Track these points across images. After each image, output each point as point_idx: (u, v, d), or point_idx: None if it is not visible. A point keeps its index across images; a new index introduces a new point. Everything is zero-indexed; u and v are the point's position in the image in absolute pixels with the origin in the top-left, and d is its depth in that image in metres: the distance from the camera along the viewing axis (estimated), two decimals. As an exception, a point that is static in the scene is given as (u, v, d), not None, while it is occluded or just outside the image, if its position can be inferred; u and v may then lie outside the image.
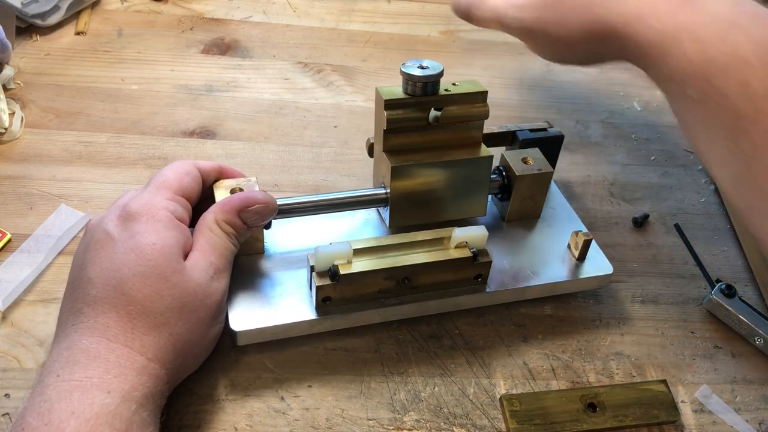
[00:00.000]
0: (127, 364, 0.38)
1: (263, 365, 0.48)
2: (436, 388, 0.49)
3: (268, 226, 0.52)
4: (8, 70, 0.63)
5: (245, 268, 0.52)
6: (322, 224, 0.56)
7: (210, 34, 0.73)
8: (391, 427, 0.47)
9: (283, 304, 0.49)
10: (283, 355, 0.49)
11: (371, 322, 0.50)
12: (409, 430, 0.47)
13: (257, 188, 0.51)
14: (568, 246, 0.55)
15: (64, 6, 0.70)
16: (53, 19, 0.70)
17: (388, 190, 0.52)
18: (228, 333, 0.48)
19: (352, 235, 0.55)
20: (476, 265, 0.50)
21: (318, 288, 0.47)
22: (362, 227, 0.56)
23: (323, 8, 0.79)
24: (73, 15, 0.72)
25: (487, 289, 0.52)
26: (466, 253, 0.49)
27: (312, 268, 0.47)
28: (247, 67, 0.71)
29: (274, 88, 0.69)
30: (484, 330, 0.53)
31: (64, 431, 0.35)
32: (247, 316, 0.48)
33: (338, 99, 0.69)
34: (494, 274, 0.53)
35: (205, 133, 0.63)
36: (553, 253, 0.55)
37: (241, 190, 0.50)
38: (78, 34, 0.71)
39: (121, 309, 0.40)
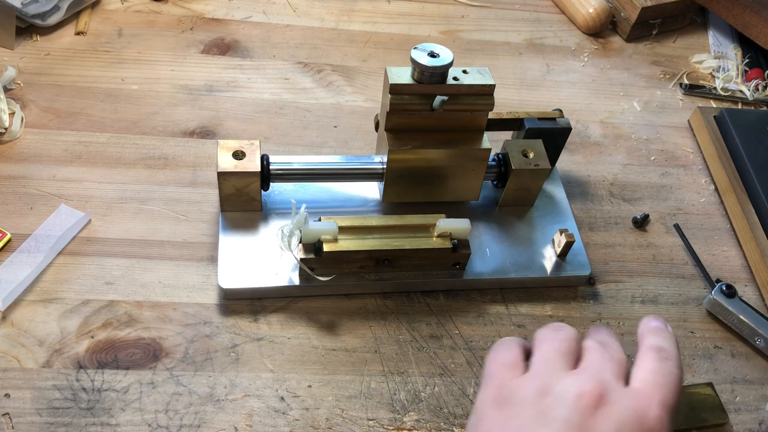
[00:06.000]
0: None
1: (263, 365, 0.49)
2: (436, 388, 0.49)
3: (266, 187, 0.54)
4: (10, 71, 0.63)
5: (240, 225, 0.54)
6: (322, 186, 0.58)
7: (210, 34, 0.73)
8: (391, 427, 0.47)
9: (271, 265, 0.52)
10: (283, 355, 0.49)
11: (350, 291, 0.53)
12: (409, 430, 0.47)
13: (259, 152, 0.52)
14: (552, 241, 0.56)
15: (64, 6, 0.70)
16: (53, 19, 0.69)
17: (385, 167, 0.53)
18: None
19: (348, 202, 0.57)
20: (456, 254, 0.51)
21: (302, 260, 0.49)
22: (360, 194, 0.58)
23: (323, 8, 0.79)
24: (73, 15, 0.72)
25: (464, 276, 0.53)
26: (446, 243, 0.51)
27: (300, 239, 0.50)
28: (247, 67, 0.71)
29: (274, 88, 0.69)
30: (484, 330, 0.53)
31: None
32: (235, 273, 0.51)
33: (338, 99, 0.69)
34: (475, 259, 0.54)
35: (205, 133, 0.63)
36: (536, 246, 0.56)
37: (243, 153, 0.52)
38: (78, 34, 0.71)
39: None
